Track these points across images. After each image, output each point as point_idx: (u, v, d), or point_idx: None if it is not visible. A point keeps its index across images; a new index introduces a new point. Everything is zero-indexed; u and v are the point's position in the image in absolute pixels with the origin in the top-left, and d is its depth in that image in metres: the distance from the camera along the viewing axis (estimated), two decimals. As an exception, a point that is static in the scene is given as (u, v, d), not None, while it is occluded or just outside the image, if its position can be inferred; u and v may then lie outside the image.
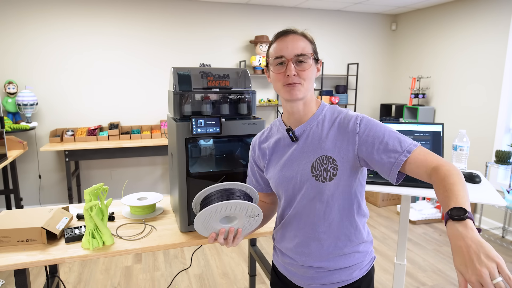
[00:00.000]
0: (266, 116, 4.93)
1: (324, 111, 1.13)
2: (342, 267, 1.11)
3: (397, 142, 1.00)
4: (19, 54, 3.93)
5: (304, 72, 1.05)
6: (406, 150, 0.98)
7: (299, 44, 1.05)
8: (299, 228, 1.13)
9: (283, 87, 1.07)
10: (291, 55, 1.04)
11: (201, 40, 4.50)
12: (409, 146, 0.98)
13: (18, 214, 1.52)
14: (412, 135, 1.85)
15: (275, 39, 1.09)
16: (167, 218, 1.69)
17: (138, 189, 4.58)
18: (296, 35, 1.07)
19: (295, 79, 1.04)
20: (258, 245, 3.54)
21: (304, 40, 1.07)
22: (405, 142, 1.00)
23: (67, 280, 2.86)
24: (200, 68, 1.55)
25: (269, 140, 1.22)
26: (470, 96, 4.11)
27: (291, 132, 1.13)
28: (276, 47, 1.07)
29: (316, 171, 1.07)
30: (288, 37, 1.06)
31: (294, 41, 1.05)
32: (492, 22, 3.83)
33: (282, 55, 1.05)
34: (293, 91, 1.05)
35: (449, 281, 2.90)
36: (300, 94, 1.06)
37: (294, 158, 1.12)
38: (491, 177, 3.85)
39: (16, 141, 3.49)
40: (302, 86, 1.06)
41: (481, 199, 1.50)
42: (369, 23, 5.13)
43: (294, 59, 1.04)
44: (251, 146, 1.28)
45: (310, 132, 1.11)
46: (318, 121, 1.11)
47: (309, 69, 1.06)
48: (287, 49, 1.05)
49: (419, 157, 0.96)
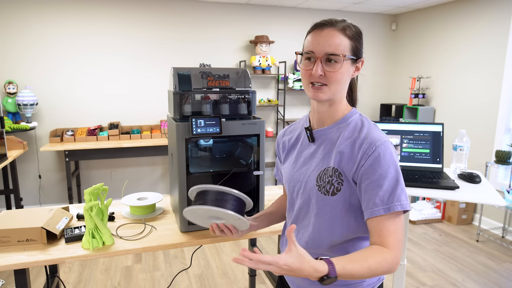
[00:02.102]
0: (266, 116, 4.93)
1: (350, 120, 1.03)
2: (343, 284, 1.03)
3: (389, 193, 0.91)
4: (19, 54, 3.93)
5: (332, 74, 0.95)
6: (389, 206, 0.90)
7: (334, 41, 0.94)
8: (297, 237, 1.10)
9: (308, 85, 0.98)
10: (321, 52, 0.94)
11: (201, 40, 4.50)
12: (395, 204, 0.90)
13: (18, 214, 1.52)
14: (412, 135, 1.85)
15: (311, 30, 0.99)
16: (167, 218, 1.69)
17: (138, 189, 4.58)
18: (333, 30, 0.95)
19: (321, 80, 0.96)
20: (258, 245, 3.54)
21: (341, 37, 0.95)
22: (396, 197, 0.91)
23: (67, 280, 2.86)
24: (200, 68, 1.55)
25: (292, 134, 1.18)
26: (470, 96, 4.11)
27: (308, 131, 1.07)
28: (309, 40, 0.98)
29: (320, 181, 1.00)
30: (323, 31, 0.95)
31: (329, 37, 0.94)
32: (492, 22, 3.83)
33: (311, 50, 0.96)
34: (316, 92, 0.97)
35: (449, 281, 2.90)
36: (324, 97, 0.97)
37: (307, 160, 1.07)
38: (491, 177, 3.85)
39: (16, 141, 3.49)
40: (328, 88, 0.96)
41: (481, 199, 1.50)
42: (369, 23, 5.13)
43: (324, 57, 0.94)
44: (277, 137, 1.25)
45: (327, 138, 1.04)
46: (339, 128, 1.02)
47: (339, 71, 0.95)
48: (318, 45, 0.94)
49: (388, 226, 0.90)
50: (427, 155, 1.83)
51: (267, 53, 4.54)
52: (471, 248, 3.49)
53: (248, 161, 1.60)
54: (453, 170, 1.89)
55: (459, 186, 1.64)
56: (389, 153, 0.93)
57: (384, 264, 0.86)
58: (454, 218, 4.06)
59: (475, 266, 3.15)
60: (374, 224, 0.92)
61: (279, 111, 4.95)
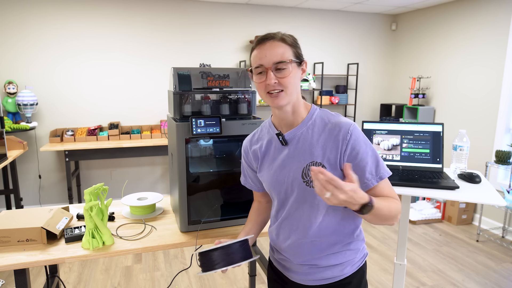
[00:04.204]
0: (266, 116, 4.93)
1: (315, 116, 1.13)
2: (333, 264, 1.14)
3: (374, 166, 1.07)
4: (19, 54, 3.93)
5: (284, 79, 1.04)
6: (379, 176, 1.07)
7: (278, 51, 1.03)
8: (291, 230, 1.15)
9: (266, 95, 1.07)
10: (269, 63, 1.03)
11: (201, 40, 4.50)
12: (382, 173, 1.07)
13: (18, 214, 1.52)
14: (412, 135, 1.85)
15: (254, 46, 1.08)
16: (167, 218, 1.69)
17: (138, 189, 4.58)
18: (274, 41, 1.04)
19: (276, 86, 1.04)
20: (258, 245, 3.54)
21: (283, 45, 1.04)
22: (381, 167, 1.08)
23: (67, 280, 2.86)
24: (200, 68, 1.55)
25: (260, 142, 1.22)
26: (470, 96, 4.11)
27: (281, 136, 1.14)
28: (256, 55, 1.06)
29: (306, 177, 1.08)
30: (266, 45, 1.04)
31: (272, 48, 1.03)
32: (492, 22, 3.83)
33: (261, 64, 1.04)
34: (276, 99, 1.05)
35: (449, 281, 2.90)
36: (283, 101, 1.06)
37: (286, 162, 1.13)
38: (491, 177, 3.85)
39: (16, 141, 3.49)
40: (285, 93, 1.05)
41: (481, 199, 1.50)
42: (369, 23, 5.13)
43: (273, 67, 1.03)
44: (243, 148, 1.29)
45: (300, 137, 1.12)
46: (308, 126, 1.12)
47: (289, 76, 1.04)
48: (265, 58, 1.03)
49: (384, 188, 1.08)
50: (427, 155, 1.83)
51: (267, 53, 4.54)
52: (471, 248, 3.49)
53: (248, 161, 1.60)
54: (453, 170, 1.89)
55: (459, 186, 1.64)
56: (360, 132, 1.08)
57: (395, 205, 1.05)
58: (454, 218, 4.07)
59: (475, 266, 3.15)
60: (371, 193, 1.06)
61: (279, 111, 4.94)
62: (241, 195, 1.57)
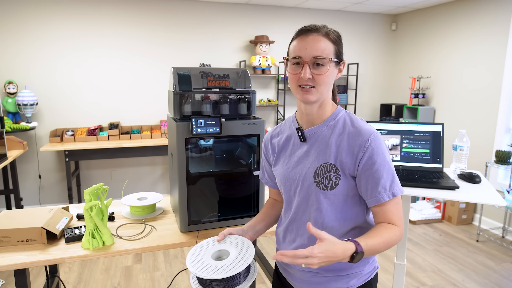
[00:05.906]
0: (266, 116, 4.93)
1: (338, 117, 1.09)
2: (338, 274, 1.09)
3: (389, 181, 1.02)
4: (19, 54, 3.93)
5: (320, 76, 1.00)
6: (392, 192, 1.02)
7: (319, 46, 0.99)
8: (298, 234, 1.13)
9: (297, 88, 1.04)
10: (308, 57, 0.99)
11: (201, 40, 4.50)
12: (396, 190, 1.02)
13: (18, 214, 1.52)
14: (412, 135, 1.85)
15: (296, 35, 1.04)
16: (167, 218, 1.69)
17: (138, 189, 4.58)
18: (318, 35, 1.00)
19: (310, 82, 1.01)
20: (258, 245, 3.54)
21: (326, 41, 1.01)
22: (396, 184, 1.03)
23: (67, 280, 2.86)
24: (200, 68, 1.55)
25: (280, 136, 1.21)
26: (470, 96, 4.11)
27: (300, 131, 1.11)
28: (296, 45, 1.02)
29: (318, 177, 1.05)
30: (309, 37, 1.00)
31: (315, 42, 0.99)
32: (492, 22, 3.83)
33: (299, 55, 1.00)
34: (306, 94, 1.02)
35: (449, 281, 2.90)
36: (313, 98, 1.03)
37: (301, 159, 1.11)
38: (491, 177, 3.85)
39: (16, 141, 3.49)
40: (316, 90, 1.02)
41: (481, 199, 1.50)
42: (369, 23, 5.13)
43: (312, 61, 1.00)
44: (263, 140, 1.27)
45: (319, 136, 1.09)
46: (329, 126, 1.08)
47: (325, 74, 1.00)
48: (305, 50, 1.00)
49: (393, 211, 1.03)
50: (427, 155, 1.83)
51: (267, 53, 4.54)
52: (471, 248, 3.49)
53: (248, 161, 1.60)
54: (453, 170, 1.89)
55: (459, 186, 1.64)
56: (382, 143, 1.03)
57: (394, 237, 0.99)
58: (454, 218, 4.06)
59: (475, 266, 3.15)
60: (378, 209, 1.03)
61: (279, 111, 4.95)
62: (241, 195, 1.57)
